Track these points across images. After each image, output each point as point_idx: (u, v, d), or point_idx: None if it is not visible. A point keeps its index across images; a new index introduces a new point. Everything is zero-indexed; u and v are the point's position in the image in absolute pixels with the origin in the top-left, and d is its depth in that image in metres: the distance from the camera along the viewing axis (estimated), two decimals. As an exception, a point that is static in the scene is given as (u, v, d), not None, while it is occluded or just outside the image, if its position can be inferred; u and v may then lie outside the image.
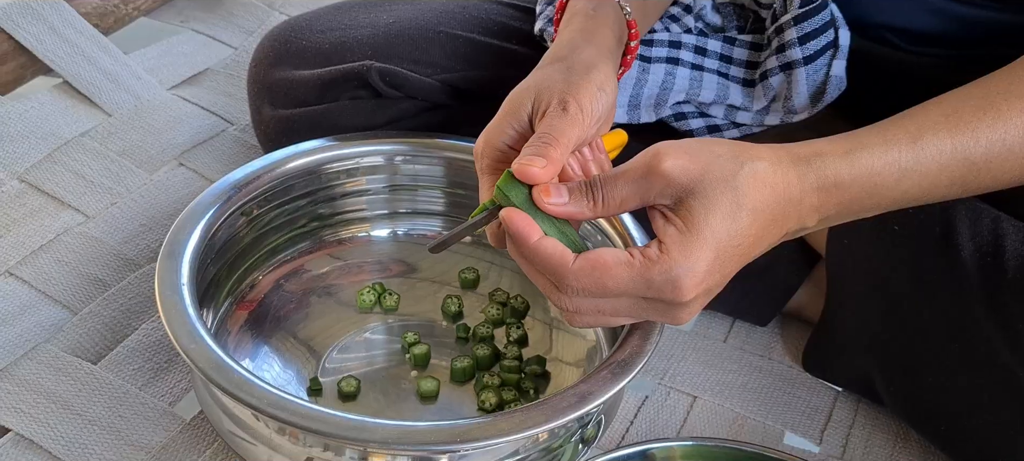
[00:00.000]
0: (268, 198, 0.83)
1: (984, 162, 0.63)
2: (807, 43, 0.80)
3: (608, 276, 0.59)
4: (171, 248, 0.73)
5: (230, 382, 0.63)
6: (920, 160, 0.63)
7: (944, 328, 0.72)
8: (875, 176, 0.62)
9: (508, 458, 0.68)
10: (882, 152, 0.62)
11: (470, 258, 0.89)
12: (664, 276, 0.58)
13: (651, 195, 0.60)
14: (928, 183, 0.63)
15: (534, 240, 0.60)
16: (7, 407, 0.76)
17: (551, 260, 0.60)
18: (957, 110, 0.63)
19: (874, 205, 0.64)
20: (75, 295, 0.87)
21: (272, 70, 0.92)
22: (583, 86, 0.66)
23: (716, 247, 0.59)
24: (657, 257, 0.59)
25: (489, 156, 0.66)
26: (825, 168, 0.62)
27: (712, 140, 0.63)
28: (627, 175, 0.61)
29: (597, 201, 0.61)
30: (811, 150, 0.63)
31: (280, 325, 0.82)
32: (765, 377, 0.87)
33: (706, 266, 0.59)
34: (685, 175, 0.59)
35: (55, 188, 0.97)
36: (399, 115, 0.91)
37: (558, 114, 0.64)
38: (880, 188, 0.63)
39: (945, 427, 0.76)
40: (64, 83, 1.11)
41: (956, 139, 0.63)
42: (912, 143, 0.62)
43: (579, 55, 0.69)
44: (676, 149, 0.60)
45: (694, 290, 0.59)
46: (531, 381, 0.78)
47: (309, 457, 0.66)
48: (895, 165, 0.62)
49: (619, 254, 0.59)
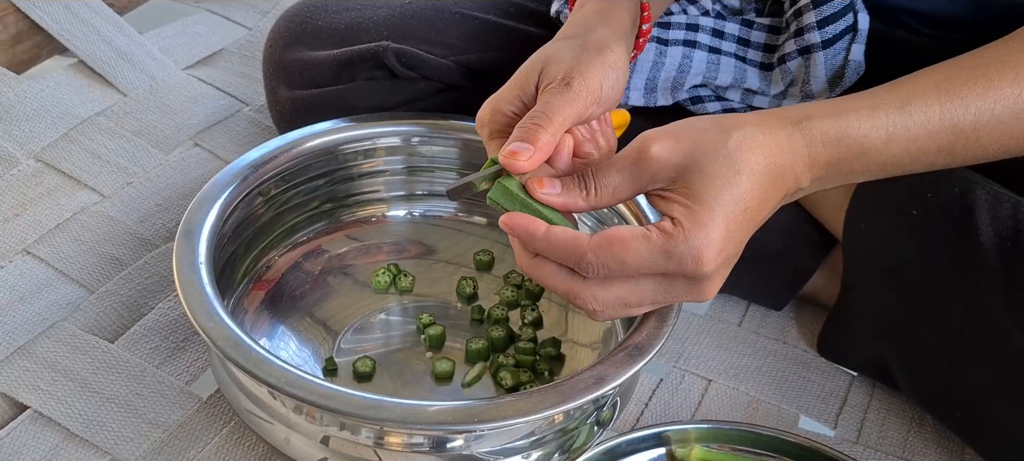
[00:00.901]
0: (286, 178, 0.83)
1: (973, 130, 0.64)
2: (826, 27, 0.79)
3: (627, 251, 0.59)
4: (189, 227, 0.73)
5: (248, 360, 0.63)
6: (908, 125, 0.63)
7: (962, 313, 0.72)
8: (863, 137, 0.63)
9: (523, 439, 0.68)
10: (869, 114, 0.63)
11: (485, 240, 0.90)
12: (684, 246, 0.58)
13: (644, 181, 0.60)
14: (916, 149, 0.64)
15: (542, 232, 0.60)
16: (25, 385, 0.76)
17: (565, 244, 0.60)
18: (949, 78, 0.64)
19: (863, 168, 0.64)
20: (92, 274, 0.87)
21: (287, 51, 0.92)
22: (593, 64, 0.66)
23: (725, 215, 0.59)
24: (673, 230, 0.59)
25: (495, 123, 0.67)
26: (813, 128, 0.62)
27: (696, 117, 0.63)
28: (617, 164, 0.61)
29: (590, 191, 0.61)
30: (800, 113, 0.63)
31: (296, 305, 0.82)
32: (780, 361, 0.87)
33: (721, 234, 0.59)
34: (675, 155, 0.59)
35: (71, 167, 0.98)
36: (414, 96, 0.91)
37: (560, 90, 0.64)
38: (868, 150, 0.63)
39: (961, 413, 0.76)
40: (79, 62, 1.11)
41: (945, 106, 0.63)
42: (900, 108, 0.63)
43: (593, 34, 0.69)
44: (662, 133, 0.61)
45: (714, 260, 0.59)
46: (546, 363, 0.79)
47: (325, 436, 0.67)
48: (883, 128, 0.63)
49: (635, 229, 0.59)
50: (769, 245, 0.86)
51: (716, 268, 0.60)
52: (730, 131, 0.60)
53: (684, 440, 0.75)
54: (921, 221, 0.74)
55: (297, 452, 0.68)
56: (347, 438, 0.66)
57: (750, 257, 0.66)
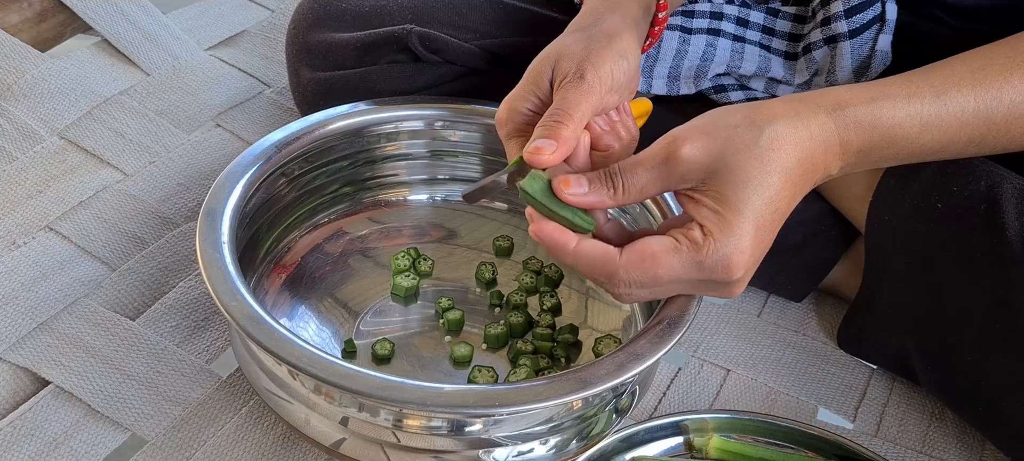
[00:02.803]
0: (309, 159, 0.83)
1: (1004, 122, 0.64)
2: (854, 16, 0.79)
3: (658, 265, 0.59)
4: (212, 205, 0.73)
5: (270, 340, 0.63)
6: (942, 115, 0.63)
7: (986, 307, 0.72)
8: (896, 127, 0.62)
9: (542, 425, 0.68)
10: (905, 103, 0.62)
11: (506, 226, 0.90)
12: (714, 257, 0.58)
13: (672, 181, 0.60)
14: (947, 138, 0.64)
15: (573, 247, 0.60)
16: (47, 360, 0.77)
17: (596, 261, 0.60)
18: (983, 67, 0.64)
19: (892, 155, 0.64)
20: (114, 251, 0.87)
21: (311, 32, 0.92)
22: (603, 53, 0.66)
23: (755, 219, 0.59)
24: (702, 241, 0.58)
25: (512, 122, 0.67)
26: (847, 117, 0.62)
27: (725, 110, 0.62)
28: (646, 162, 0.61)
29: (617, 189, 0.61)
30: (833, 99, 0.62)
31: (317, 286, 0.82)
32: (799, 353, 0.86)
33: (751, 239, 0.59)
34: (706, 155, 0.59)
35: (94, 145, 0.98)
36: (437, 80, 0.91)
37: (575, 84, 0.64)
38: (900, 139, 0.63)
39: (983, 408, 0.75)
40: (103, 41, 1.11)
41: (980, 97, 0.63)
42: (936, 97, 0.63)
43: (602, 23, 0.69)
44: (693, 131, 0.60)
45: (744, 266, 0.59)
46: (563, 349, 0.78)
47: (344, 417, 0.67)
48: (917, 117, 0.63)
49: (664, 241, 0.59)
50: (790, 237, 0.86)
51: (745, 272, 0.60)
52: (762, 128, 0.60)
53: (702, 430, 0.75)
54: (946, 215, 0.74)
55: (316, 432, 0.68)
56: (366, 419, 0.66)
57: (771, 248, 0.65)
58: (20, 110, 1.00)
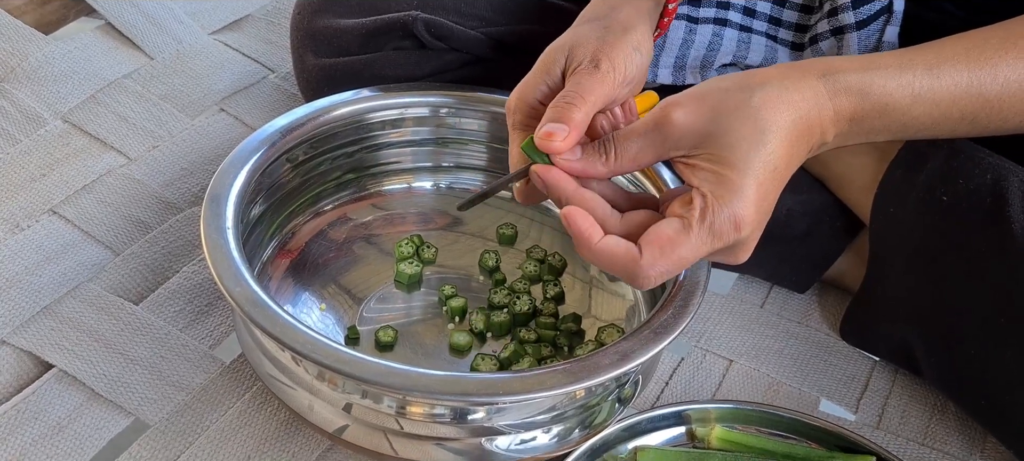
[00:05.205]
0: (314, 145, 0.83)
1: (998, 99, 0.64)
2: (860, 7, 0.78)
3: (678, 248, 0.58)
4: (216, 190, 0.73)
5: (274, 325, 0.63)
6: (934, 88, 0.63)
7: (991, 301, 0.72)
8: (887, 96, 0.62)
9: (545, 413, 0.68)
10: (896, 73, 0.62)
11: (510, 214, 0.89)
12: (721, 217, 0.58)
13: (666, 147, 0.60)
14: (940, 113, 0.64)
15: (596, 242, 0.60)
16: (50, 343, 0.77)
17: (618, 259, 0.59)
18: (978, 45, 0.64)
19: (884, 127, 0.64)
20: (117, 236, 0.87)
21: (316, 18, 0.92)
22: (618, 45, 0.66)
23: (755, 177, 0.58)
24: (705, 206, 0.58)
25: (521, 111, 0.67)
26: (838, 81, 0.62)
27: (718, 77, 0.62)
28: (639, 129, 0.60)
29: (610, 156, 0.61)
30: (826, 65, 0.63)
31: (321, 272, 0.82)
32: (802, 344, 0.86)
33: (754, 194, 0.58)
34: (699, 119, 0.59)
35: (98, 129, 0.98)
36: (442, 67, 0.91)
37: (589, 71, 0.64)
38: (892, 109, 0.63)
39: (986, 401, 0.75)
40: (107, 24, 1.11)
41: (973, 72, 0.63)
42: (928, 70, 0.63)
43: (617, 14, 0.69)
44: (684, 97, 0.60)
45: (751, 222, 0.59)
46: (566, 338, 0.78)
47: (347, 403, 0.67)
48: (909, 88, 0.63)
49: (673, 223, 0.59)
50: (795, 227, 0.86)
51: (752, 230, 0.60)
52: (753, 90, 0.59)
53: (704, 419, 0.75)
54: (951, 208, 0.73)
55: (319, 419, 0.68)
56: (369, 406, 0.66)
57: (775, 238, 0.65)
58: (24, 93, 1.00)
